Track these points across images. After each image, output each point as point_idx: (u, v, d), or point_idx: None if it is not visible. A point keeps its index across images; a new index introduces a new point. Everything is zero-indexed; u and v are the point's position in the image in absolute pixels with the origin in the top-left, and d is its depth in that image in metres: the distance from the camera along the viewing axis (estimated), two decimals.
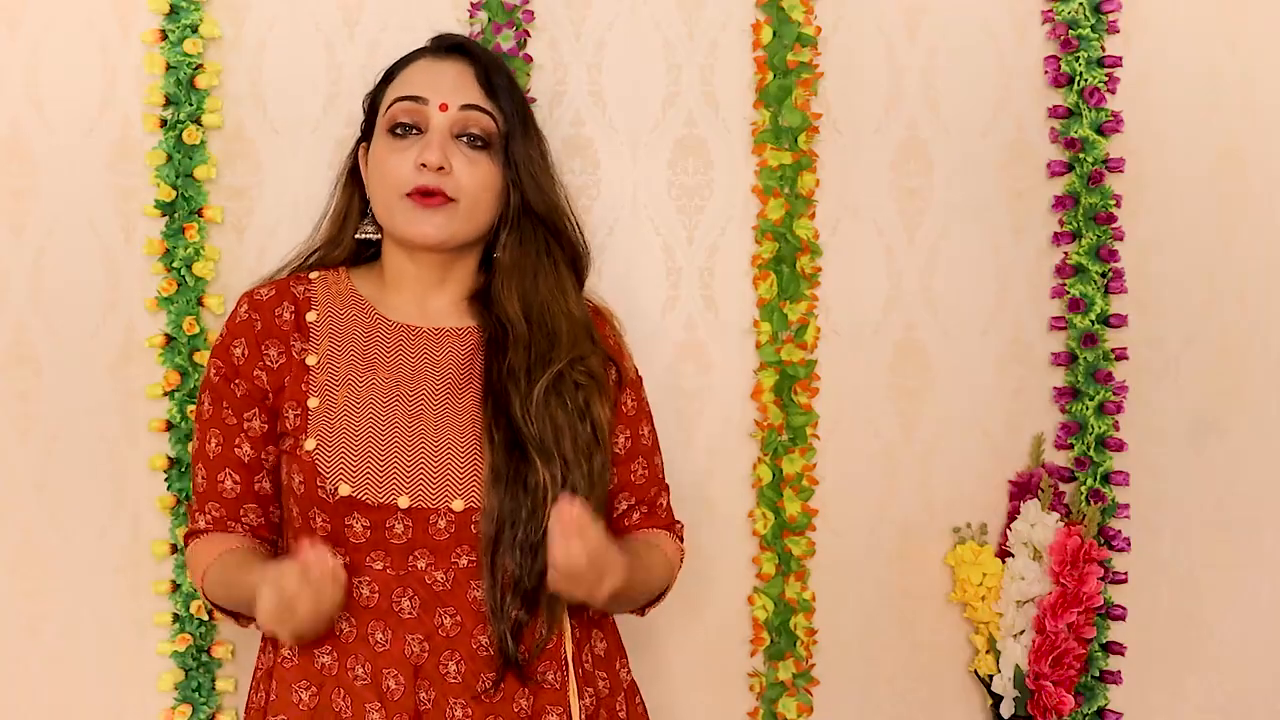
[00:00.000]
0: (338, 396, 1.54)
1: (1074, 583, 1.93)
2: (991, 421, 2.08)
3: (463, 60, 1.61)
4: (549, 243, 1.63)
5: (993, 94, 2.07)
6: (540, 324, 1.59)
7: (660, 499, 1.69)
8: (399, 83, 1.61)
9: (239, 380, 1.56)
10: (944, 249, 2.07)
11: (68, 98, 1.90)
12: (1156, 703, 2.12)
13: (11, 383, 1.90)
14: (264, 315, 1.58)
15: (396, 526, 1.49)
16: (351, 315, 1.60)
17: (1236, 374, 2.12)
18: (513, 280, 1.60)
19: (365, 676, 1.48)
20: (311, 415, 1.53)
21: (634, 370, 1.69)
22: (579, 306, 1.64)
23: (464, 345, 1.60)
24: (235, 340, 1.58)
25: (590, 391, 1.59)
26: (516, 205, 1.61)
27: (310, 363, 1.56)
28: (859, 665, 2.07)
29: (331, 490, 1.49)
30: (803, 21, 1.99)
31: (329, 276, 1.64)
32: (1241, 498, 2.13)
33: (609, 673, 1.61)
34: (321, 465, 1.50)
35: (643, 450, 1.66)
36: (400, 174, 1.55)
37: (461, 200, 1.56)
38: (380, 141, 1.59)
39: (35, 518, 1.91)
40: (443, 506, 1.50)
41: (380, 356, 1.57)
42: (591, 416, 1.58)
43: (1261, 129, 2.11)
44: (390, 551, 1.50)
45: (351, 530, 1.50)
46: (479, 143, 1.58)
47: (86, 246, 1.91)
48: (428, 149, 1.54)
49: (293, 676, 1.51)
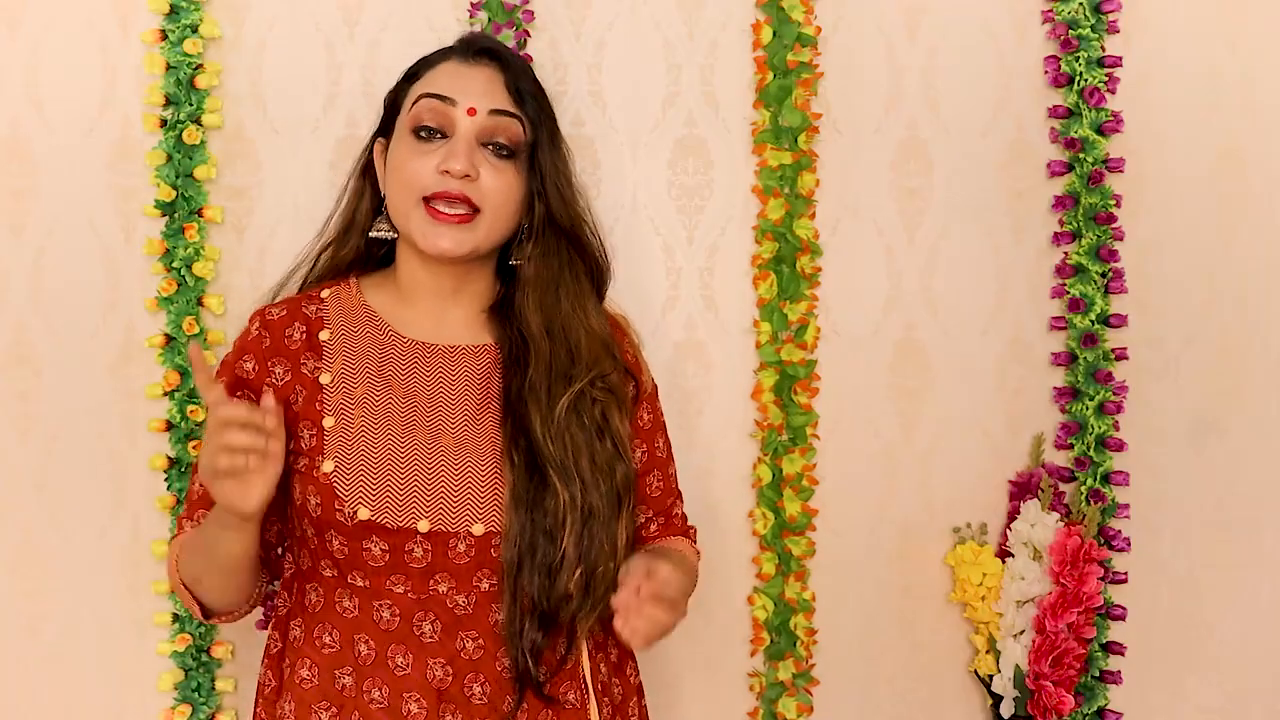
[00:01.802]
0: (354, 417, 1.51)
1: (1074, 583, 1.93)
2: (991, 421, 2.08)
3: (492, 65, 1.57)
4: (571, 255, 1.60)
5: (993, 94, 2.07)
6: (561, 340, 1.56)
7: (676, 508, 1.69)
8: (426, 80, 1.57)
9: (247, 394, 1.53)
10: (944, 249, 2.07)
11: (68, 98, 1.90)
12: (1156, 703, 2.12)
13: (11, 383, 1.90)
14: (274, 334, 1.55)
15: (416, 550, 1.47)
16: (365, 332, 1.57)
17: (1236, 374, 2.12)
18: (535, 294, 1.57)
19: (383, 700, 1.46)
20: (328, 435, 1.50)
21: (651, 382, 1.67)
22: (599, 321, 1.61)
23: (480, 363, 1.57)
24: (245, 356, 1.55)
25: (609, 405, 1.57)
26: (541, 216, 1.57)
27: (324, 381, 1.53)
28: (859, 665, 2.07)
29: (350, 514, 1.46)
30: (803, 21, 1.99)
31: (340, 292, 1.60)
32: (1241, 498, 2.13)
33: (620, 679, 1.61)
34: (340, 488, 1.47)
35: (658, 463, 1.65)
36: (421, 178, 1.51)
37: (485, 210, 1.52)
38: (402, 142, 1.55)
39: (35, 518, 1.91)
40: (463, 530, 1.48)
41: (396, 375, 1.55)
42: (610, 431, 1.56)
43: (1261, 129, 2.11)
44: (410, 575, 1.48)
45: (370, 553, 1.48)
46: (505, 151, 1.54)
47: (86, 246, 1.91)
48: (453, 156, 1.50)
49: (312, 697, 1.49)
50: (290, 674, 1.51)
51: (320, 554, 1.51)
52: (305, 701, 1.49)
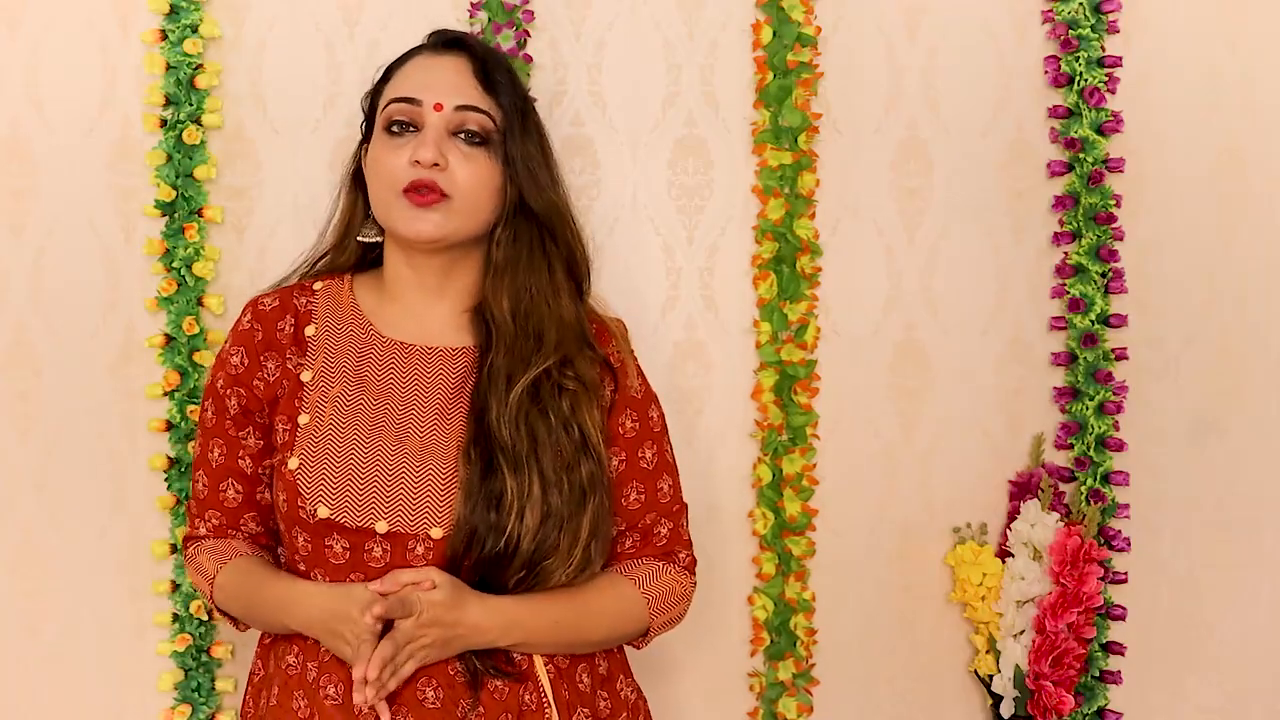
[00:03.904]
0: (325, 415, 1.53)
1: (1074, 583, 1.93)
2: (991, 421, 2.08)
3: (461, 56, 1.58)
4: (544, 241, 1.59)
5: (993, 94, 2.07)
6: (525, 325, 1.56)
7: (658, 526, 1.61)
8: (395, 82, 1.59)
9: (238, 390, 1.56)
10: (944, 249, 2.07)
11: (68, 98, 1.90)
12: (1156, 703, 2.12)
13: (11, 383, 1.90)
14: (266, 326, 1.57)
15: (375, 550, 1.48)
16: (349, 331, 1.58)
17: (1236, 374, 2.12)
18: (504, 278, 1.57)
19: (336, 697, 1.47)
20: (300, 432, 1.52)
21: (639, 389, 1.62)
22: (572, 310, 1.59)
23: (457, 366, 1.57)
24: (235, 349, 1.57)
25: (578, 397, 1.55)
26: (513, 201, 1.57)
27: (305, 379, 1.55)
28: (859, 665, 2.07)
29: (311, 511, 1.48)
30: (803, 21, 1.99)
31: (332, 286, 1.62)
32: (1241, 498, 2.13)
33: (609, 692, 1.59)
34: (302, 485, 1.49)
35: (640, 475, 1.60)
36: (395, 171, 1.53)
37: (456, 197, 1.53)
38: (377, 141, 1.57)
39: (35, 518, 1.91)
40: (421, 533, 1.48)
41: (372, 375, 1.55)
42: (578, 423, 1.54)
43: (1261, 129, 2.11)
44: (369, 574, 1.48)
45: (331, 551, 1.49)
46: (476, 139, 1.55)
47: (86, 246, 1.91)
48: (422, 146, 1.52)
49: (294, 685, 1.50)
50: (279, 658, 1.53)
51: (291, 549, 1.53)
52: (288, 687, 1.50)
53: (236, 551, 1.56)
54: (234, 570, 1.55)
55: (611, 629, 1.57)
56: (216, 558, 1.56)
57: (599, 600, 1.55)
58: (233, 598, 1.55)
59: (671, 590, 1.60)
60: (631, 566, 1.60)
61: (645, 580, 1.59)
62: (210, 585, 1.56)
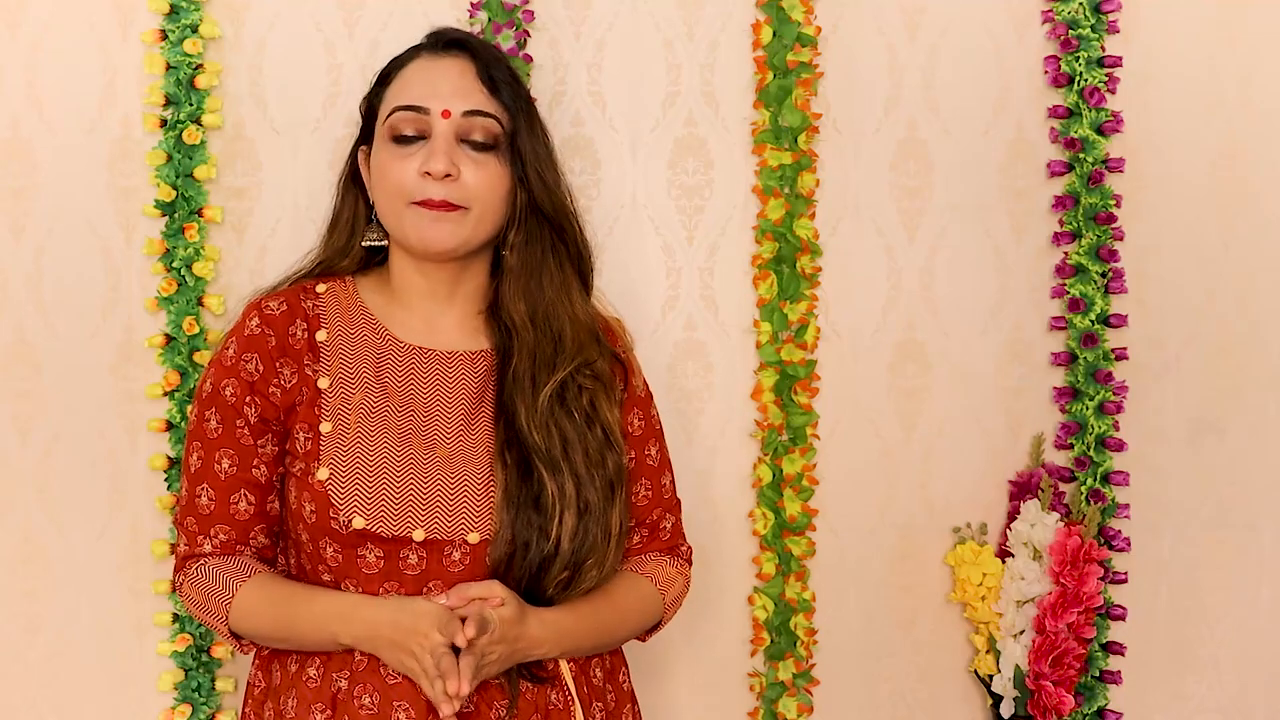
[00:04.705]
0: (350, 423, 1.50)
1: (1074, 583, 1.93)
2: (991, 421, 2.08)
3: (462, 57, 1.57)
4: (555, 242, 1.59)
5: (993, 94, 2.07)
6: (545, 328, 1.56)
7: (664, 521, 1.65)
8: (397, 87, 1.57)
9: (254, 398, 1.51)
10: (944, 249, 2.07)
11: (68, 98, 1.90)
12: (1156, 703, 2.12)
13: (11, 383, 1.90)
14: (278, 331, 1.53)
15: (410, 558, 1.47)
16: (362, 335, 1.56)
17: (1236, 374, 2.12)
18: (519, 282, 1.57)
19: (372, 707, 1.45)
20: (324, 441, 1.49)
21: (644, 388, 1.66)
22: (584, 309, 1.60)
23: (477, 370, 1.56)
24: (247, 355, 1.52)
25: (597, 394, 1.56)
26: (524, 203, 1.56)
27: (322, 385, 1.52)
28: (859, 665, 2.07)
29: (345, 522, 1.46)
30: (803, 21, 1.99)
31: (336, 289, 1.59)
32: (1241, 498, 2.13)
33: (614, 685, 1.61)
34: (335, 496, 1.46)
35: (647, 471, 1.63)
36: (405, 183, 1.51)
37: (473, 206, 1.52)
38: (383, 149, 1.55)
39: (35, 518, 1.91)
40: (458, 539, 1.47)
41: (393, 382, 1.54)
42: (600, 420, 1.56)
43: (1261, 129, 2.11)
44: (404, 582, 1.47)
45: (364, 560, 1.47)
46: (485, 145, 1.54)
47: (86, 246, 1.91)
48: (433, 156, 1.50)
49: (313, 697, 1.48)
50: (298, 670, 1.50)
51: (316, 559, 1.50)
52: (305, 700, 1.48)
53: (252, 568, 1.51)
54: (258, 587, 1.50)
55: (635, 627, 1.61)
56: (234, 575, 1.50)
57: (625, 601, 1.58)
58: (259, 615, 1.49)
59: (677, 583, 1.65)
60: (642, 563, 1.63)
61: (659, 577, 1.63)
62: (227, 604, 1.50)
